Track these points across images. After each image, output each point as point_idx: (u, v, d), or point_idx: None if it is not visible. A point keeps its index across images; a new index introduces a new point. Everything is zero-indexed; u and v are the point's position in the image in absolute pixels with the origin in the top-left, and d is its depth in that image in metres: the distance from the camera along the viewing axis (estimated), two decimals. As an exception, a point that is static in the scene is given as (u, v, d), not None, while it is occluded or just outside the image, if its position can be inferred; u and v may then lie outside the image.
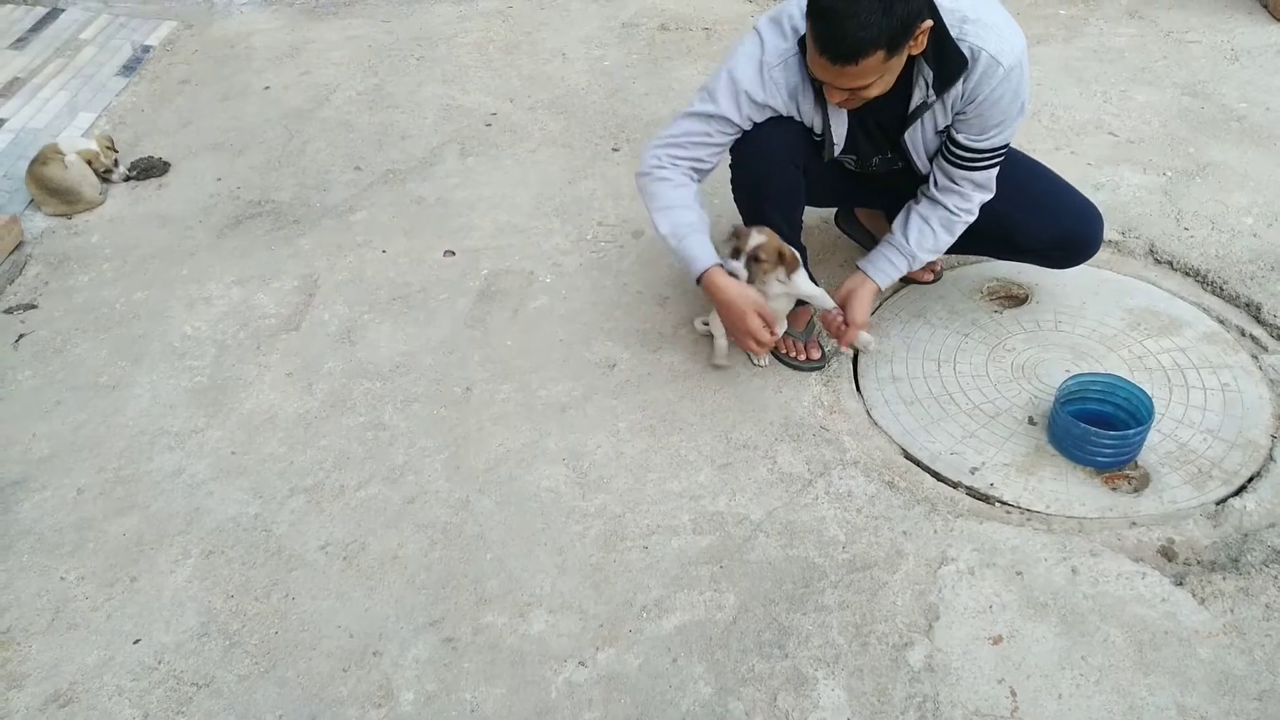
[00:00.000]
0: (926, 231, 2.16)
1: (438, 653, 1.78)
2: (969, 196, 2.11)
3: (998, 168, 2.09)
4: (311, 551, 1.98)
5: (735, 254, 2.09)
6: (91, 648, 1.82)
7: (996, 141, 2.02)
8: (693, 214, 2.11)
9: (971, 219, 2.15)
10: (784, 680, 1.70)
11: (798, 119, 2.06)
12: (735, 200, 2.25)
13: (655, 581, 1.88)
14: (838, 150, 2.10)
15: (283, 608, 1.87)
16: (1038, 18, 3.97)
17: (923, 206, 2.17)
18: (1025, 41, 1.93)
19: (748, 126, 2.05)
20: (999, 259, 2.46)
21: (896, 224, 2.21)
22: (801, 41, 1.90)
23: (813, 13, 1.76)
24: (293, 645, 1.80)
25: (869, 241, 2.59)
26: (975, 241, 2.25)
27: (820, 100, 1.99)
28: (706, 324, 2.37)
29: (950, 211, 2.13)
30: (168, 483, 2.15)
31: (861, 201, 2.58)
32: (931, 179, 2.14)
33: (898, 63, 1.82)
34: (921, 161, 2.13)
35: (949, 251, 2.29)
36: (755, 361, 2.33)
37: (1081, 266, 2.36)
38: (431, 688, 1.72)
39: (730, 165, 2.19)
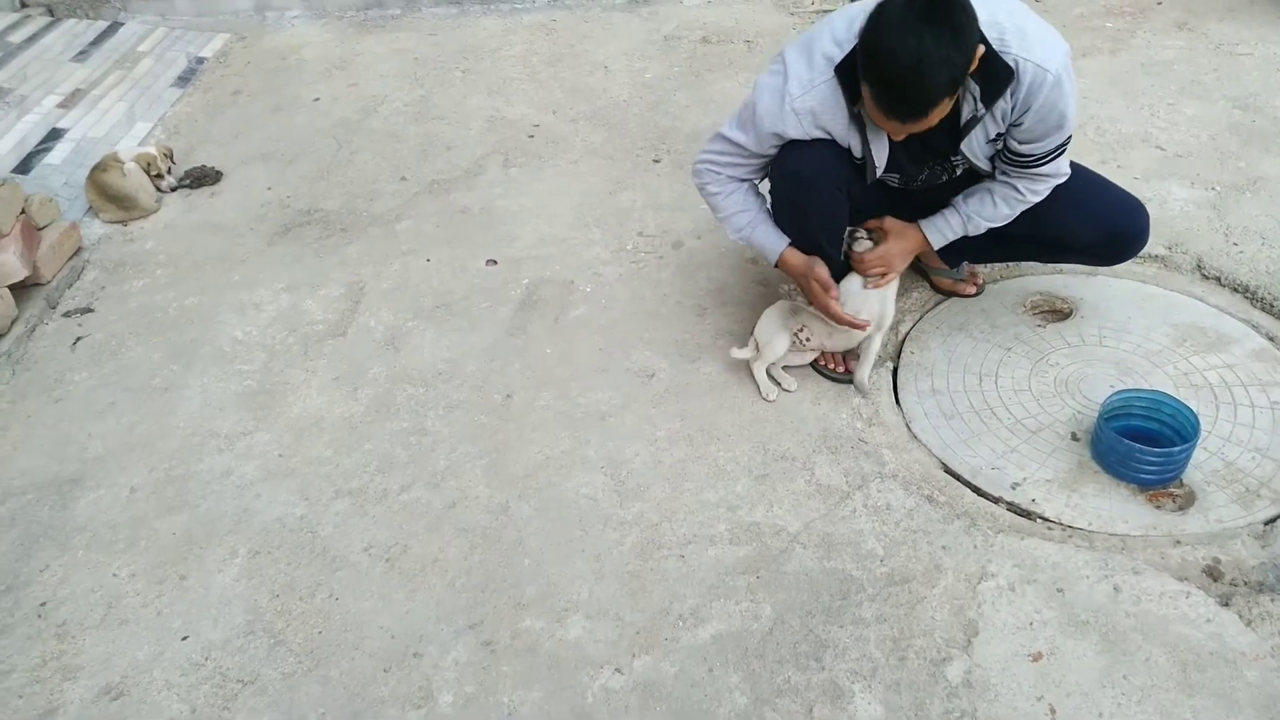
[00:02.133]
0: (987, 200, 2.15)
1: (477, 655, 1.80)
2: (1037, 182, 2.11)
3: (1067, 154, 2.07)
4: (355, 553, 2.02)
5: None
6: (142, 643, 1.87)
7: (1058, 140, 2.00)
8: (748, 213, 2.20)
9: (1038, 199, 2.13)
10: (820, 692, 1.70)
11: (828, 137, 2.03)
12: (777, 219, 2.22)
13: (692, 590, 1.89)
14: (879, 173, 2.10)
15: (326, 608, 1.91)
16: (1084, 30, 3.94)
17: (989, 183, 2.16)
18: (1066, 45, 1.92)
19: (772, 154, 2.07)
20: (1046, 261, 2.44)
21: (958, 196, 2.20)
22: (840, 69, 1.90)
23: (876, 80, 1.74)
24: (336, 645, 1.84)
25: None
26: (1021, 244, 2.25)
27: (856, 124, 1.98)
28: (743, 350, 2.38)
29: (1015, 190, 2.12)
30: (217, 483, 2.21)
31: (904, 217, 2.56)
32: (999, 172, 2.13)
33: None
34: (984, 166, 2.11)
35: (996, 260, 2.28)
36: (766, 397, 2.30)
37: (1127, 281, 2.34)
38: (470, 690, 1.75)
39: (771, 190, 2.19)
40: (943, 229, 2.21)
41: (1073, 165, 2.22)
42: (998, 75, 1.86)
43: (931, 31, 1.66)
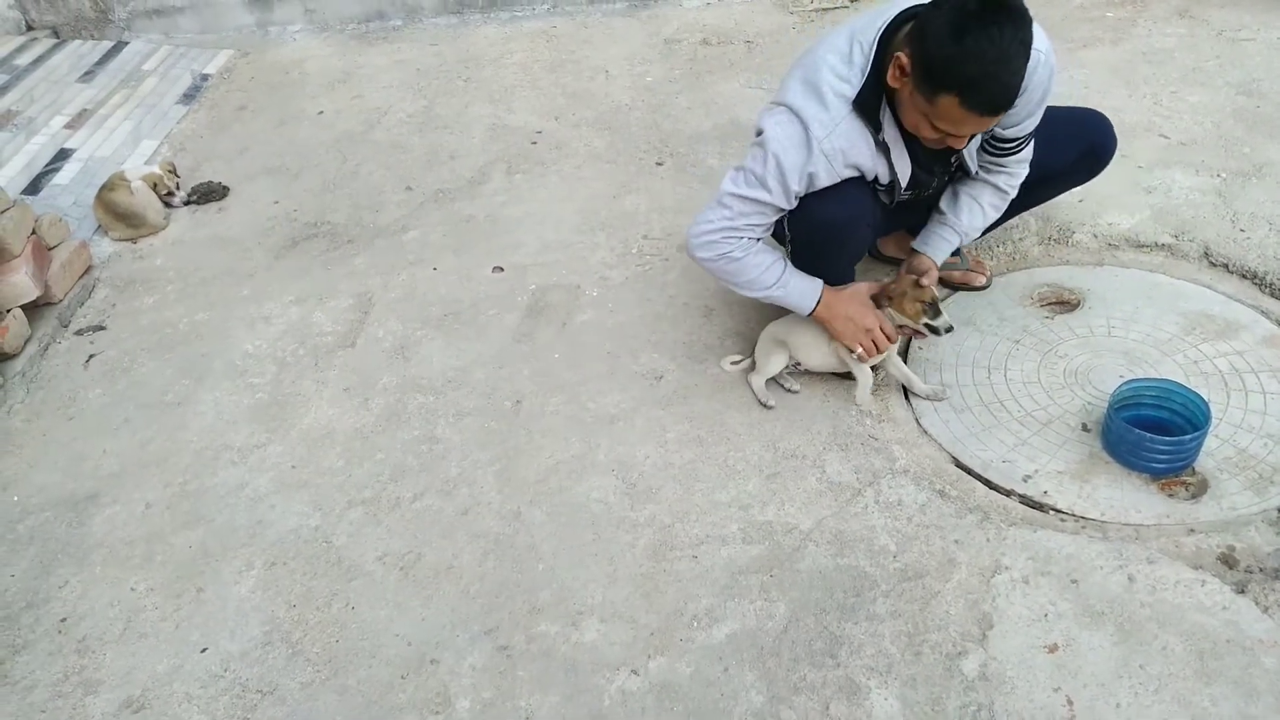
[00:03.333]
0: (977, 210, 2.23)
1: (493, 661, 1.81)
2: (1015, 173, 2.20)
3: (1033, 141, 2.15)
4: (370, 562, 2.03)
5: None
6: (161, 656, 1.89)
7: (1036, 122, 2.08)
8: (776, 266, 2.11)
9: (1014, 193, 2.23)
10: (836, 689, 1.70)
11: (856, 174, 2.04)
12: (793, 256, 2.20)
13: (705, 591, 1.90)
14: (904, 192, 2.12)
15: (343, 617, 1.92)
16: (1084, 20, 3.93)
17: (971, 187, 2.22)
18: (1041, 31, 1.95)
19: (792, 205, 2.04)
20: (1032, 204, 2.45)
21: (945, 204, 2.26)
22: (858, 104, 1.91)
23: (968, 83, 1.73)
24: (353, 653, 1.85)
25: (894, 263, 2.61)
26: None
27: (882, 152, 2.00)
28: (735, 362, 2.39)
29: (998, 189, 2.21)
30: (231, 496, 2.22)
31: (894, 229, 2.56)
32: (974, 171, 2.19)
33: None
34: (973, 164, 2.17)
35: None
36: (765, 404, 2.29)
37: (1134, 271, 2.35)
38: (488, 695, 1.75)
39: (793, 239, 2.18)
40: (943, 249, 2.28)
41: None
42: None
43: (999, 22, 1.70)
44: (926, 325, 2.16)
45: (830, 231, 2.11)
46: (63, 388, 2.61)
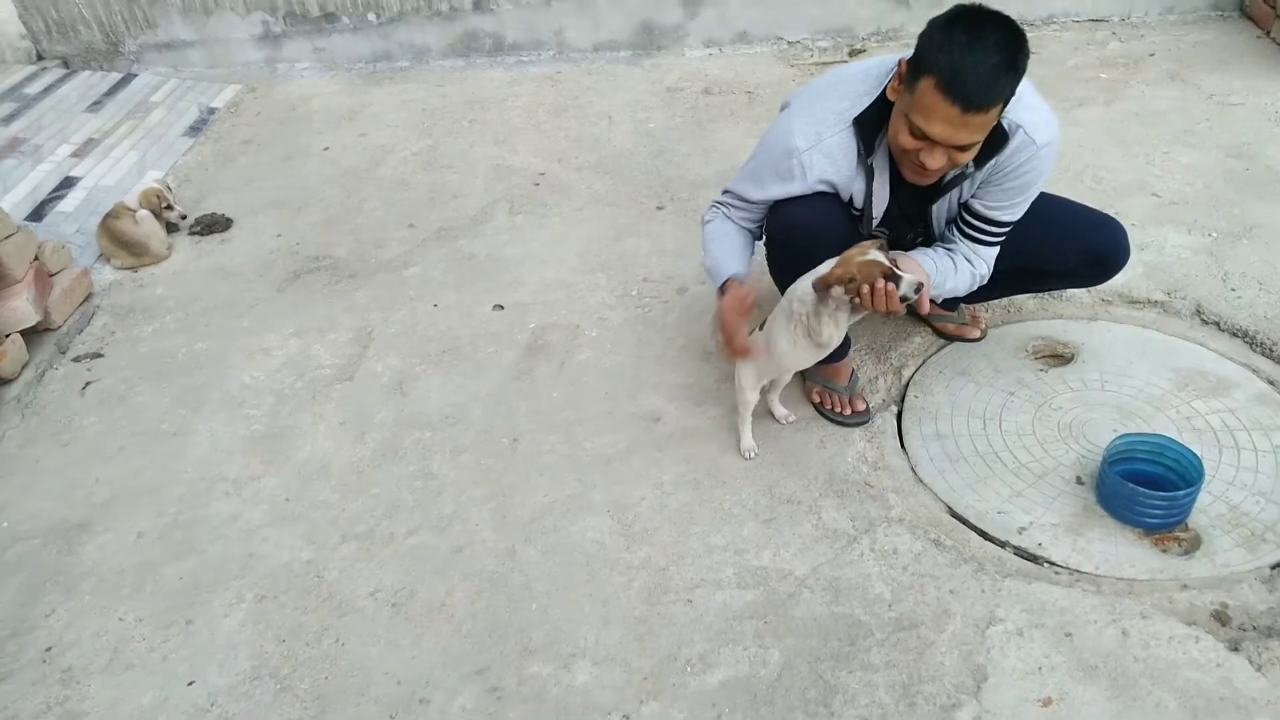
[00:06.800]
0: (945, 254, 2.15)
1: (483, 702, 1.79)
2: (975, 263, 2.15)
3: (999, 249, 2.15)
4: (362, 598, 2.02)
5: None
6: (147, 688, 1.86)
7: (1010, 216, 2.08)
8: (724, 241, 2.20)
9: (981, 273, 2.17)
10: (829, 738, 1.69)
11: (830, 189, 2.07)
12: (772, 267, 2.24)
13: (699, 635, 1.89)
14: (875, 224, 2.13)
15: (333, 653, 1.91)
16: (1079, 80, 4.02)
17: (945, 243, 2.19)
18: (1059, 127, 2.00)
19: (768, 203, 2.11)
20: (1033, 292, 2.46)
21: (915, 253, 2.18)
22: (859, 122, 1.95)
23: (938, 66, 1.76)
24: (342, 691, 1.83)
25: None
26: (1008, 277, 2.25)
27: (864, 175, 2.03)
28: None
29: (967, 259, 2.15)
30: (224, 528, 2.21)
31: None
32: (943, 239, 2.20)
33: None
34: (940, 231, 2.19)
35: (986, 298, 2.31)
36: (746, 455, 2.29)
37: (1127, 326, 2.36)
38: (477, 737, 1.73)
39: (767, 241, 2.22)
40: (912, 256, 2.17)
41: (1044, 193, 2.23)
42: (995, 134, 1.90)
43: (990, 26, 1.75)
44: (885, 277, 1.90)
45: (799, 236, 2.09)
46: (58, 414, 2.60)
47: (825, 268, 1.97)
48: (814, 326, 2.02)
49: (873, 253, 1.92)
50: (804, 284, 2.03)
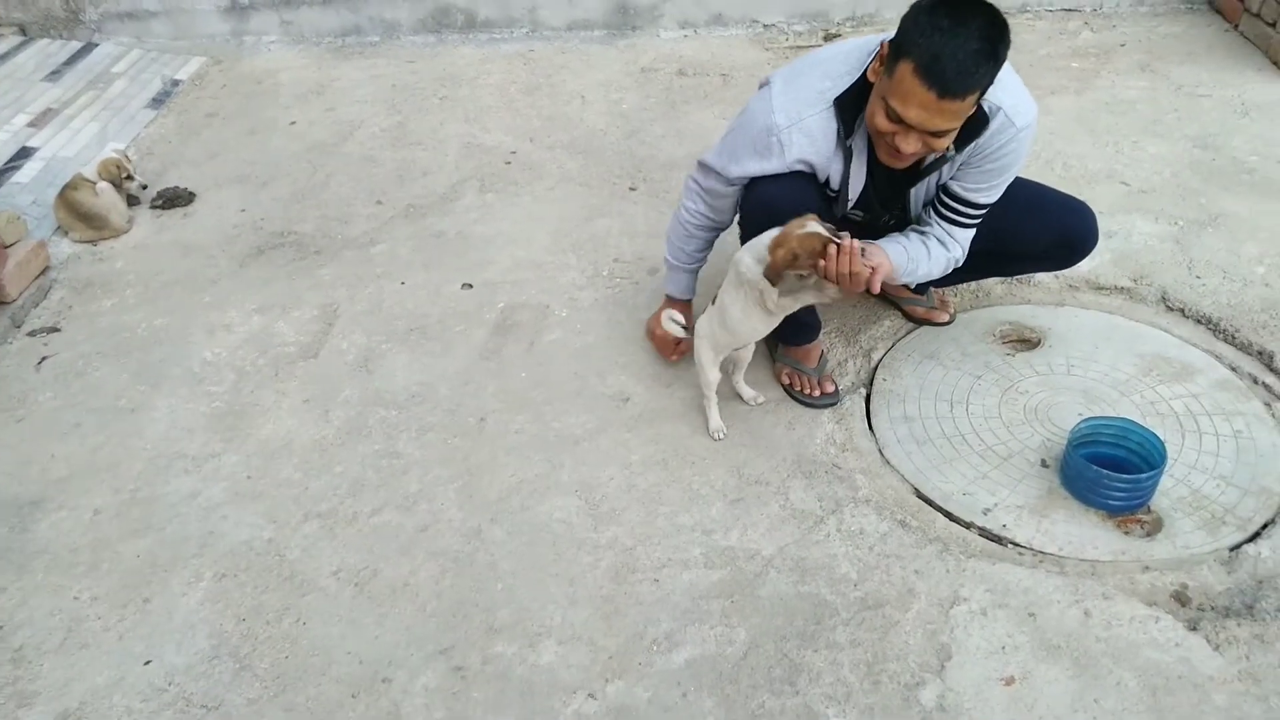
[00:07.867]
0: (918, 238, 2.15)
1: (447, 681, 1.78)
2: (949, 245, 2.14)
3: (975, 230, 2.14)
4: (324, 577, 1.99)
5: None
6: (102, 668, 1.82)
7: (987, 198, 2.08)
8: (686, 251, 2.37)
9: (954, 257, 2.16)
10: (795, 717, 1.69)
11: (807, 169, 2.05)
12: (740, 230, 2.22)
13: (666, 615, 1.88)
14: (850, 205, 2.13)
15: (294, 632, 1.88)
16: (1051, 69, 4.04)
17: (919, 227, 2.18)
18: (1037, 111, 1.98)
19: (743, 182, 2.10)
20: (1005, 275, 2.47)
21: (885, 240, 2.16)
22: (840, 103, 1.94)
23: (918, 51, 1.75)
24: (303, 670, 1.81)
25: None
26: (979, 259, 2.25)
27: (841, 157, 2.02)
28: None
29: (940, 242, 2.14)
30: (183, 506, 2.17)
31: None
32: (916, 215, 2.19)
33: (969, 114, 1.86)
34: (916, 214, 2.18)
35: (958, 281, 2.30)
36: (715, 436, 2.28)
37: (1094, 312, 2.38)
38: (440, 716, 1.72)
39: (741, 218, 2.20)
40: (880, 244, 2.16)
41: (1016, 178, 2.22)
42: (975, 118, 1.90)
43: (974, 12, 1.74)
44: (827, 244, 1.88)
45: (772, 216, 2.04)
46: (12, 389, 2.54)
47: (766, 238, 1.97)
48: (766, 295, 2.02)
49: (810, 224, 1.90)
50: (745, 256, 2.03)
